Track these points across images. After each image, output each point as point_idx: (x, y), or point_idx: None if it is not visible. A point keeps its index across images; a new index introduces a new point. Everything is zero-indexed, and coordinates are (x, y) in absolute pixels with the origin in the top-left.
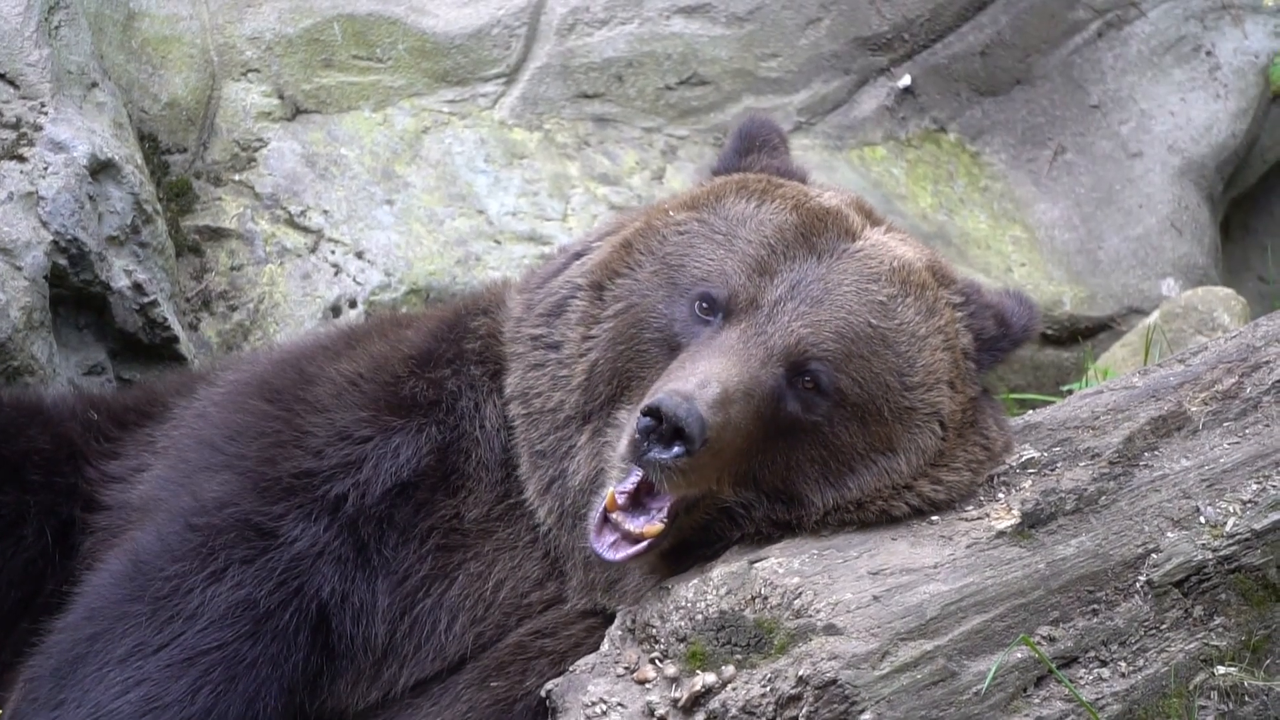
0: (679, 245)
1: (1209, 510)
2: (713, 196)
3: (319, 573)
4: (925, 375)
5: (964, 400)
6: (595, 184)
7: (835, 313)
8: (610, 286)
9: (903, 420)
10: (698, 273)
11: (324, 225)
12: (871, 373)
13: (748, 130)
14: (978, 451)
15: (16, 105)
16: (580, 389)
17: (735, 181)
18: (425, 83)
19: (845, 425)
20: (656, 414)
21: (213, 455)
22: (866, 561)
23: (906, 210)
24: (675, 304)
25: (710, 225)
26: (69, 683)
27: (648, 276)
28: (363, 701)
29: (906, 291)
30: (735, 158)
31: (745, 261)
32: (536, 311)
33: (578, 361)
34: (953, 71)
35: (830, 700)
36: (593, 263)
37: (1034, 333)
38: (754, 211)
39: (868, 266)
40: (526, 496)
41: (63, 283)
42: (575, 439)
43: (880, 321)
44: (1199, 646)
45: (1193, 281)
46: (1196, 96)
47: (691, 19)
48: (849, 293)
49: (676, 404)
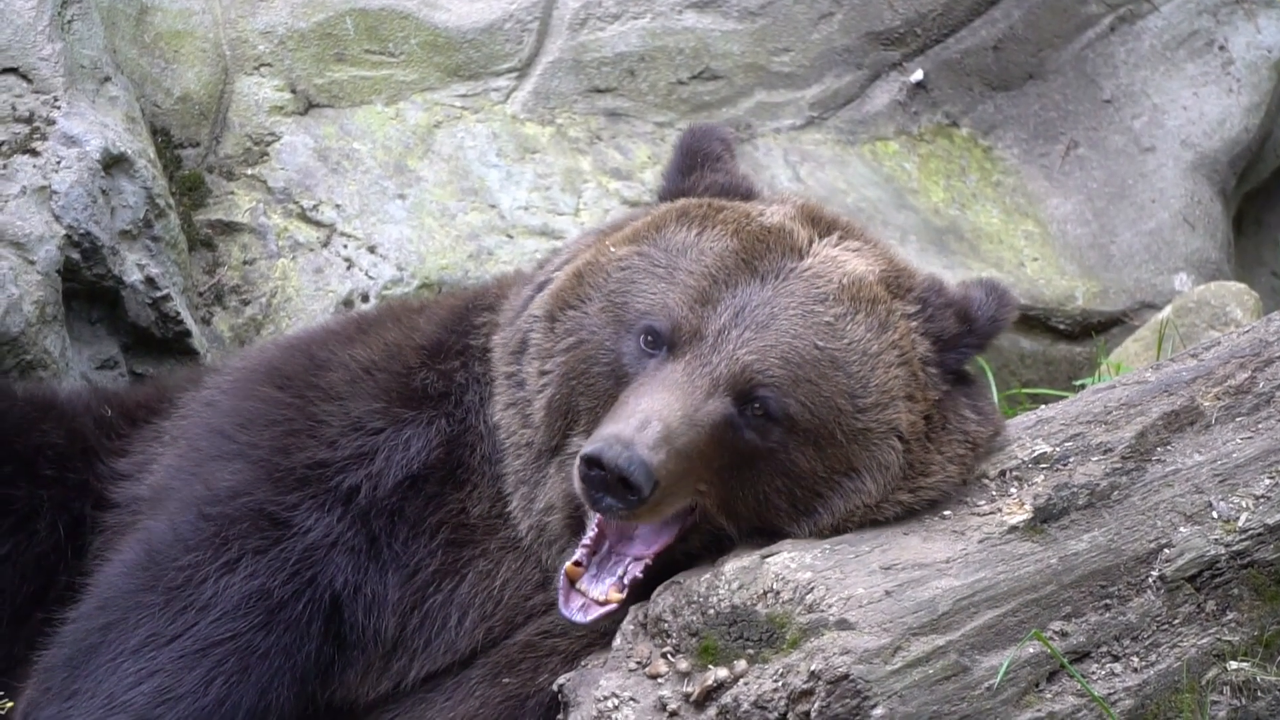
0: (622, 281)
1: (1222, 505)
2: (653, 228)
3: (332, 563)
4: (879, 394)
5: (925, 408)
6: (607, 178)
7: (780, 337)
8: (561, 319)
9: (859, 441)
10: (641, 307)
11: (336, 219)
12: (821, 396)
13: (689, 146)
14: (957, 448)
15: (29, 99)
16: (543, 425)
17: (676, 210)
18: (437, 77)
19: (801, 451)
20: (598, 463)
21: (225, 444)
22: (878, 556)
23: (918, 205)
24: (622, 339)
25: (651, 259)
26: (82, 673)
27: (595, 313)
28: (373, 692)
29: (856, 309)
30: (679, 177)
31: (687, 292)
32: (509, 349)
33: (537, 398)
34: (965, 66)
35: (842, 695)
36: (549, 291)
37: (1003, 322)
38: (694, 240)
39: (814, 286)
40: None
41: (75, 277)
42: (546, 469)
43: (827, 343)
44: (1211, 641)
45: (1205, 276)
46: (1209, 91)
47: (703, 13)
48: (794, 315)
49: (616, 453)
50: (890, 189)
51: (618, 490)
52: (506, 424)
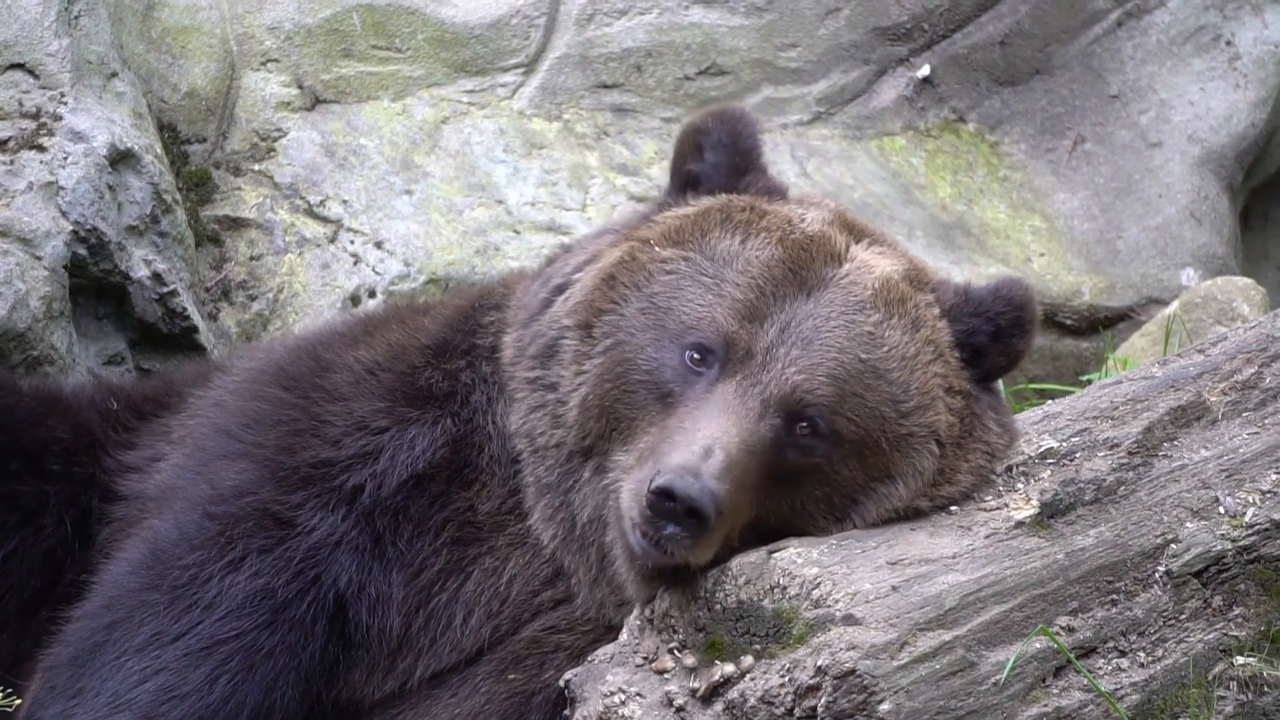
0: (666, 285)
1: (1228, 500)
2: (698, 230)
3: (336, 562)
4: (920, 397)
5: (960, 408)
6: (614, 174)
7: (826, 353)
8: (597, 324)
9: (900, 448)
10: (687, 319)
11: (343, 215)
12: (866, 408)
13: (738, 140)
14: (978, 459)
15: (36, 95)
16: (576, 425)
17: (719, 211)
18: (444, 73)
19: (845, 462)
20: (670, 495)
21: (230, 444)
22: (885, 552)
23: (925, 200)
24: (664, 349)
25: (697, 265)
26: (87, 671)
27: (635, 314)
28: (379, 692)
29: (891, 312)
30: (732, 175)
31: (735, 307)
32: (529, 354)
33: (572, 396)
34: (972, 61)
35: (849, 690)
36: (576, 301)
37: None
38: (740, 249)
39: (853, 295)
40: (531, 522)
41: (82, 272)
42: (579, 473)
43: (870, 354)
44: (1218, 637)
45: (1212, 271)
46: (1216, 86)
47: (710, 9)
48: (838, 328)
49: (688, 484)
50: (897, 184)
51: (685, 520)
52: (533, 427)
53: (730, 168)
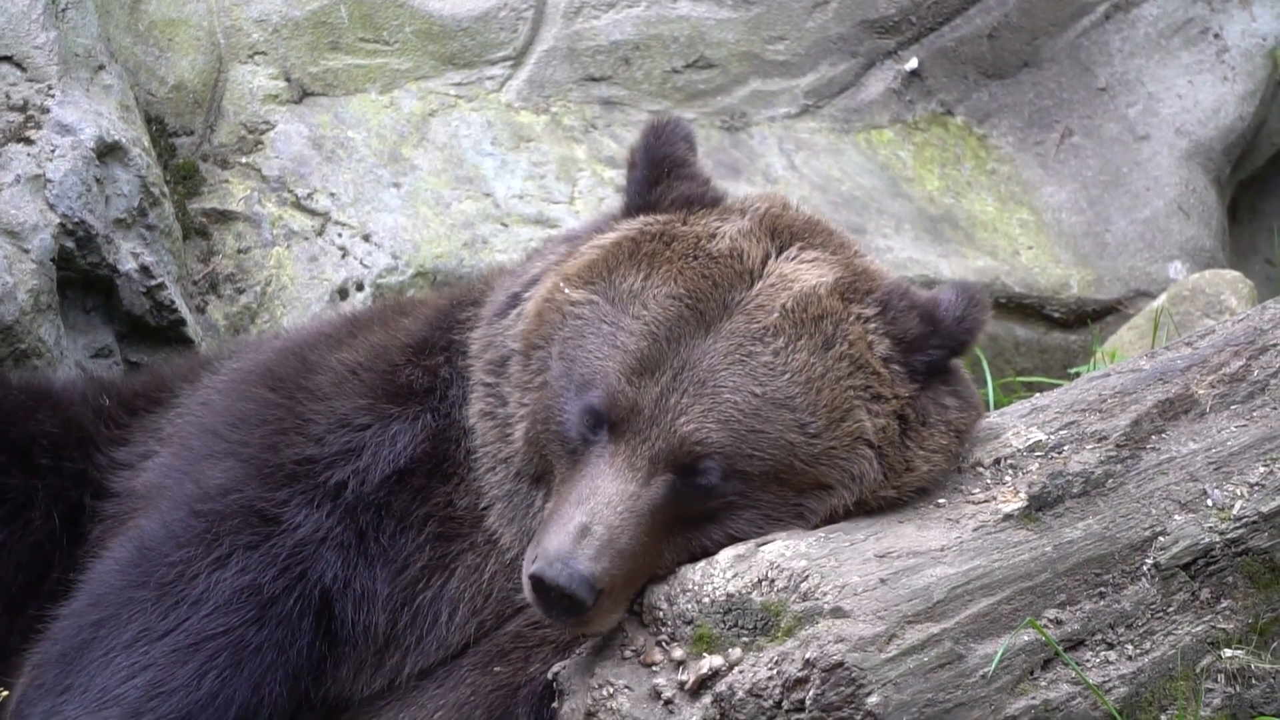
0: (574, 332)
1: (1216, 493)
2: (605, 268)
3: (322, 558)
4: (831, 413)
5: (896, 407)
6: (602, 167)
7: (718, 396)
8: (533, 357)
9: (822, 462)
10: (586, 374)
11: (331, 208)
12: (768, 440)
13: (654, 152)
14: (940, 439)
15: (23, 88)
16: (521, 453)
17: (630, 242)
18: (432, 65)
19: (764, 489)
20: (542, 586)
21: (216, 443)
22: (873, 544)
23: (913, 193)
24: (570, 404)
25: (600, 311)
26: (75, 668)
27: (555, 359)
28: (367, 689)
29: (798, 333)
30: (645, 189)
31: (626, 362)
32: (486, 358)
33: (517, 426)
34: (960, 54)
35: (837, 683)
36: (519, 329)
37: (973, 322)
38: (641, 287)
39: (755, 321)
40: (489, 522)
41: (70, 265)
42: (532, 496)
43: (766, 386)
44: (1206, 629)
45: (1200, 264)
46: (1204, 79)
47: (698, 2)
48: (733, 364)
49: (557, 573)
50: (885, 177)
51: (559, 605)
52: (483, 432)
53: (647, 181)
